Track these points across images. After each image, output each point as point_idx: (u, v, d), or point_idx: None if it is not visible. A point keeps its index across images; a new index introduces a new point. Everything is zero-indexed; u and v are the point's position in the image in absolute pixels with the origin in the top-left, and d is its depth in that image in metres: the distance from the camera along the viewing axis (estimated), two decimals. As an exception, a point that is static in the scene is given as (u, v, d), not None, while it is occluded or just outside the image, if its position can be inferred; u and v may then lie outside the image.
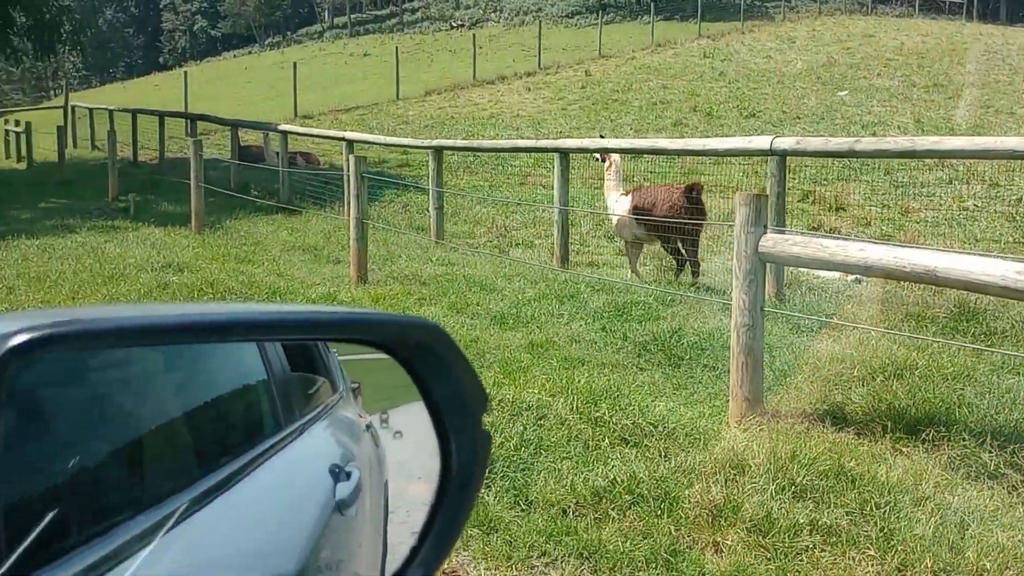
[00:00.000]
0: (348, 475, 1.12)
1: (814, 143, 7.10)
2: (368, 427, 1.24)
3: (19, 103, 49.86)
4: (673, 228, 8.08)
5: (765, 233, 4.31)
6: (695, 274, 8.32)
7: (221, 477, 0.90)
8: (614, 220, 8.94)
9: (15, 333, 0.66)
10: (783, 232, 4.82)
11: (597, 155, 9.64)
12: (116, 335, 0.76)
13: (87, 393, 0.80)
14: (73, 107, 28.29)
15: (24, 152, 23.54)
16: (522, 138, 17.91)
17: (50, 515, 0.70)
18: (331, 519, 1.04)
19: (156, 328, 0.80)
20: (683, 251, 8.33)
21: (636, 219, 8.41)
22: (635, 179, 14.48)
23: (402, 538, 0.94)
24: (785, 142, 6.96)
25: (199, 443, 0.92)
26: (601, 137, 10.66)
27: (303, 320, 0.97)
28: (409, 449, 1.03)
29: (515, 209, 13.15)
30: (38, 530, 0.68)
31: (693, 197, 8.23)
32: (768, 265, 4.73)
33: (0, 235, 10.34)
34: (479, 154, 16.28)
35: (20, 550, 0.65)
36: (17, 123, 25.72)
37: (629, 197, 8.71)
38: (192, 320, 0.85)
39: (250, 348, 1.07)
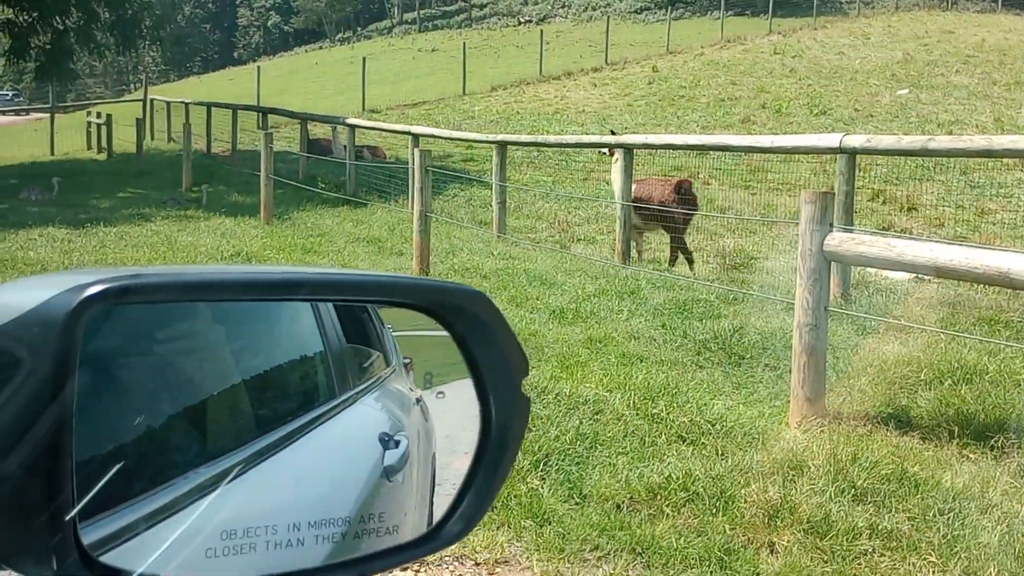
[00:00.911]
0: (397, 444, 1.18)
1: (885, 141, 6.93)
2: (418, 401, 1.28)
3: (101, 96, 51.33)
4: (664, 217, 8.94)
5: (831, 231, 4.24)
6: (674, 259, 9.12)
7: (276, 438, 0.97)
8: (618, 208, 9.56)
9: (91, 284, 0.69)
10: (850, 231, 4.72)
11: (604, 150, 10.39)
12: (182, 288, 0.81)
13: (154, 360, 0.86)
14: (151, 100, 29.04)
15: (105, 143, 24.25)
16: (587, 134, 17.85)
17: (117, 466, 0.75)
18: (379, 483, 1.10)
19: (218, 284, 0.84)
20: (673, 239, 9.12)
21: (635, 207, 9.08)
22: (699, 175, 14.37)
23: (446, 508, 0.98)
24: (855, 140, 6.81)
25: (257, 407, 0.98)
26: (612, 133, 11.51)
27: (356, 282, 1.02)
28: (456, 424, 1.07)
29: (577, 205, 13.11)
30: (106, 478, 0.72)
31: (683, 191, 9.04)
32: (834, 264, 4.65)
33: (80, 223, 10.68)
34: (543, 149, 16.27)
35: (90, 495, 0.69)
36: (99, 115, 26.50)
37: (633, 187, 9.32)
38: (252, 278, 0.90)
39: (308, 320, 1.13)
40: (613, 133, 12.09)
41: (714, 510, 3.31)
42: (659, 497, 3.41)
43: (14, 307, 0.69)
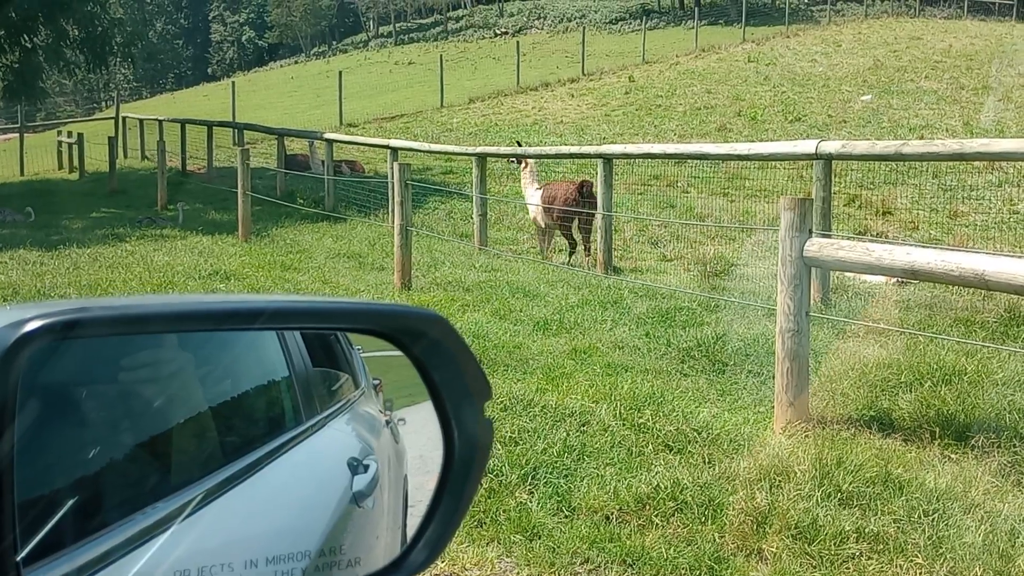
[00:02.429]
0: (366, 468, 1.16)
1: (860, 146, 7.01)
2: (388, 423, 1.27)
3: (72, 115, 51.00)
4: (569, 216, 9.84)
5: (810, 237, 4.28)
6: (588, 251, 9.87)
7: (241, 466, 0.94)
8: (531, 210, 10.63)
9: (29, 320, 0.67)
10: (828, 236, 4.77)
11: (514, 159, 11.46)
12: (128, 322, 0.78)
13: (117, 389, 0.83)
14: (124, 118, 28.84)
15: (76, 163, 24.05)
16: (565, 144, 17.92)
17: (68, 504, 0.72)
18: (348, 510, 1.08)
19: (169, 316, 0.83)
20: (575, 235, 10.05)
21: (544, 208, 10.07)
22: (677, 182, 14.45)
23: (410, 537, 0.97)
24: (831, 145, 6.88)
25: (222, 435, 0.95)
26: (519, 144, 12.55)
27: (313, 310, 1.01)
28: (428, 444, 1.05)
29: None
30: (56, 518, 0.70)
31: (584, 192, 9.76)
32: (813, 270, 4.69)
33: (53, 244, 10.59)
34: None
35: (38, 539, 0.67)
36: (70, 134, 26.28)
37: (540, 191, 10.33)
38: (205, 308, 0.88)
39: (272, 345, 1.11)
40: (519, 144, 12.70)
41: (703, 518, 3.33)
42: (648, 507, 3.42)
43: None
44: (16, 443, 0.65)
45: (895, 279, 7.02)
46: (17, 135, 27.55)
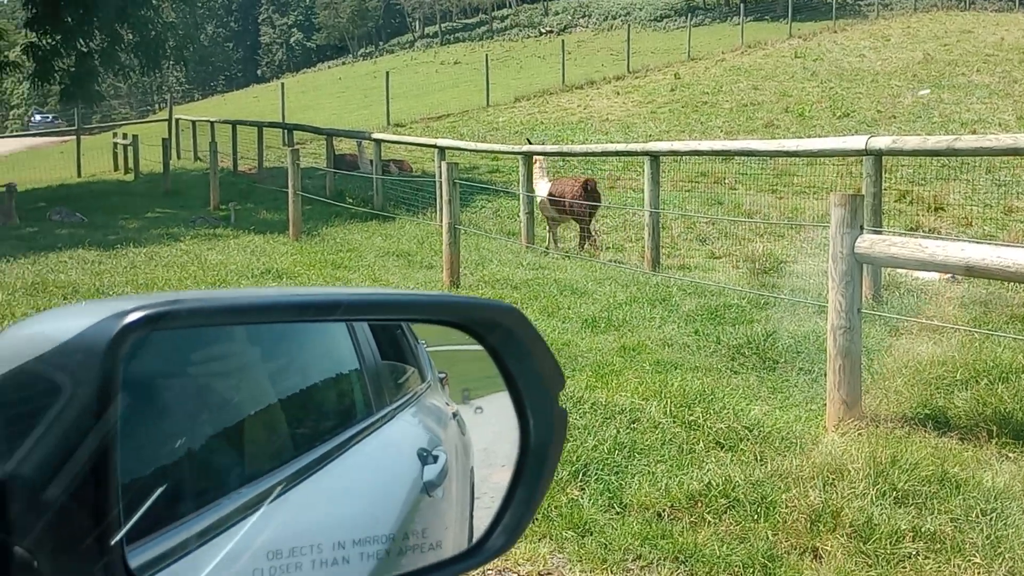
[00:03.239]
0: (435, 458, 1.18)
1: (911, 142, 6.91)
2: (454, 415, 1.29)
3: (126, 117, 52.02)
4: (573, 210, 10.56)
5: (861, 234, 4.24)
6: (587, 244, 10.70)
7: (316, 456, 0.97)
8: (539, 201, 11.20)
9: (130, 311, 0.71)
10: (880, 232, 4.72)
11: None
12: (219, 312, 0.82)
13: (192, 382, 0.87)
14: (177, 120, 29.36)
15: (131, 164, 24.55)
16: (611, 142, 17.88)
17: (160, 489, 0.76)
18: (419, 499, 1.11)
19: (255, 307, 0.86)
20: (581, 227, 10.77)
21: (550, 201, 10.80)
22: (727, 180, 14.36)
23: (488, 522, 0.99)
24: (881, 141, 6.79)
25: (295, 427, 0.99)
26: (529, 142, 13.04)
27: (391, 301, 1.04)
28: (493, 438, 1.08)
29: (604, 213, 13.13)
30: (151, 500, 0.74)
31: (588, 188, 10.57)
32: (864, 266, 4.64)
33: (110, 244, 10.83)
34: (568, 159, 16.32)
35: (136, 517, 0.71)
36: (125, 136, 26.83)
37: (549, 185, 10.99)
38: (288, 300, 0.91)
39: (343, 338, 1.14)
40: (529, 142, 13.22)
41: (755, 516, 3.32)
42: (700, 504, 3.42)
43: (54, 336, 0.70)
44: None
45: (948, 275, 6.91)
46: (74, 137, 28.19)
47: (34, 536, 0.65)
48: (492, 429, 1.08)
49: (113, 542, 0.67)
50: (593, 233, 10.83)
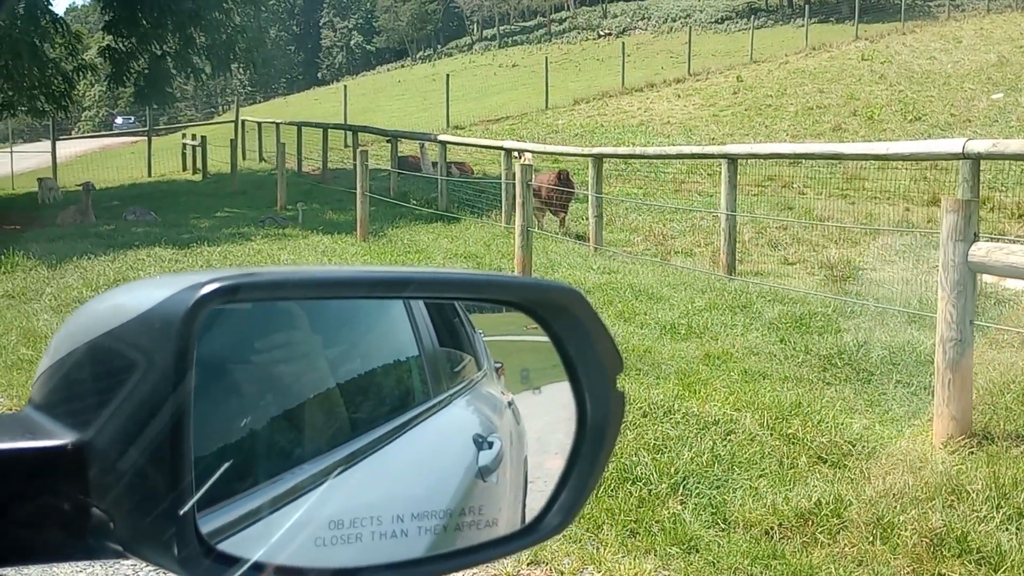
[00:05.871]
0: (490, 445, 1.21)
1: (1013, 145, 6.61)
2: (510, 404, 1.29)
3: (192, 119, 52.97)
4: (550, 199, 12.21)
5: (976, 241, 4.04)
6: (562, 223, 12.52)
7: (376, 436, 1.02)
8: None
9: (206, 283, 0.72)
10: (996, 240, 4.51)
11: (515, 152, 13.71)
12: (294, 286, 0.84)
13: (256, 368, 0.90)
14: (243, 121, 29.78)
15: (199, 164, 24.95)
16: (673, 145, 17.63)
17: (228, 462, 0.79)
18: (474, 483, 1.14)
19: (328, 281, 0.88)
20: (557, 214, 12.60)
21: (533, 193, 11.71)
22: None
23: (543, 503, 1.02)
24: (979, 144, 6.52)
25: (353, 411, 1.03)
26: (519, 140, 14.02)
27: (461, 280, 1.06)
28: (547, 427, 1.10)
29: (671, 217, 12.95)
30: (221, 471, 0.77)
31: (562, 179, 12.02)
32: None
33: (184, 242, 10.94)
34: (631, 162, 16.15)
35: (208, 485, 0.74)
36: (193, 137, 27.28)
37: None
38: (359, 276, 0.95)
39: (403, 325, 1.18)
40: (522, 140, 13.80)
41: (871, 538, 3.16)
42: (810, 523, 3.27)
43: (134, 307, 0.73)
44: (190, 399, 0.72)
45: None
46: (145, 138, 28.73)
47: (111, 498, 0.68)
48: (546, 419, 1.11)
49: (186, 508, 0.70)
50: (564, 216, 12.64)
